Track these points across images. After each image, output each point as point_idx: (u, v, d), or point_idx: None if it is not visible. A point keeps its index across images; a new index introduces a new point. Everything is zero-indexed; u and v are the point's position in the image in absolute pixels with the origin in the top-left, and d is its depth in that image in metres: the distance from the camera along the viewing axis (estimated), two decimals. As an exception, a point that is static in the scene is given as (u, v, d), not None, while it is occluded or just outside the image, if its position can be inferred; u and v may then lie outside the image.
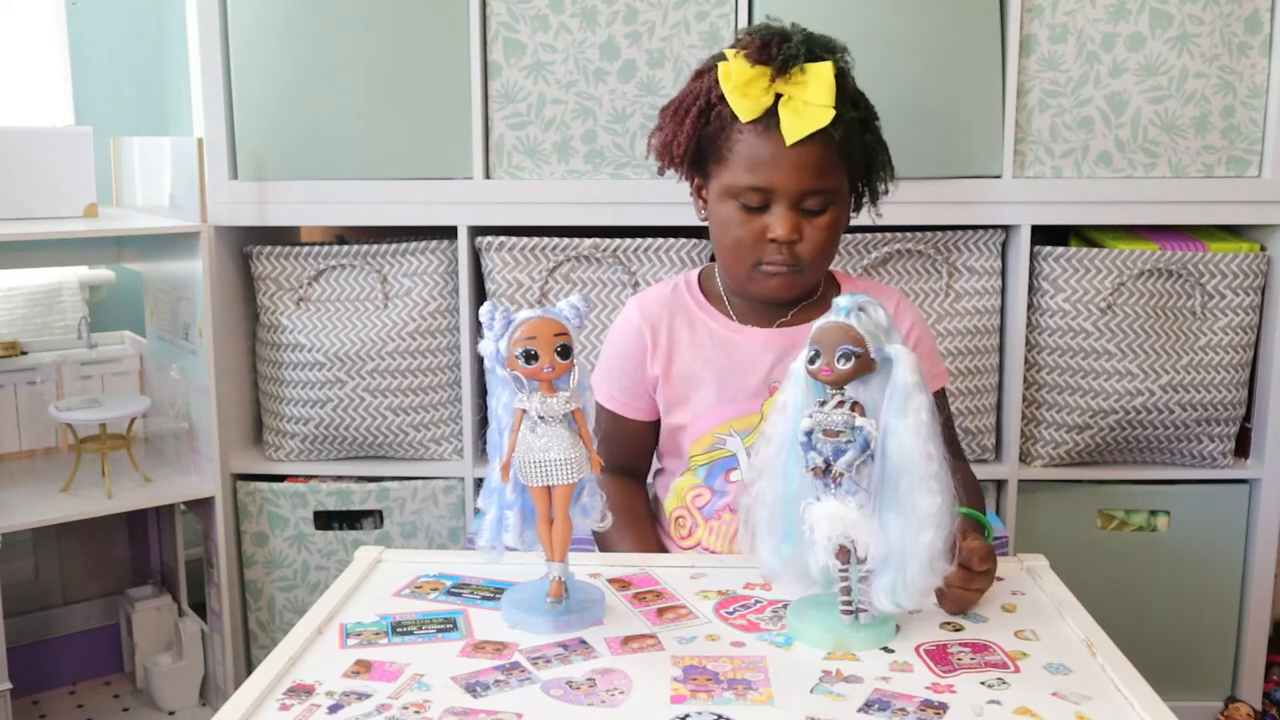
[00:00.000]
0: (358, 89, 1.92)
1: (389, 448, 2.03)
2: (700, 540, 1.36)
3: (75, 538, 2.25)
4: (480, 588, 1.13)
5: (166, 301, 2.09)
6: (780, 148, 1.25)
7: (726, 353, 1.35)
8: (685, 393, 1.36)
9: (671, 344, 1.37)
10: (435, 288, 1.98)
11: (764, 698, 0.90)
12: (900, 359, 0.96)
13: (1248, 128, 1.88)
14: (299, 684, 0.93)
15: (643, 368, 1.38)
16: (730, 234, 1.30)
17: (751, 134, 1.26)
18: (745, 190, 1.27)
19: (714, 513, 1.35)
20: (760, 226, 1.27)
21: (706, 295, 1.39)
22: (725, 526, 1.34)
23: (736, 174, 1.28)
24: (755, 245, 1.28)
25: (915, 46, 1.84)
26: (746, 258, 1.29)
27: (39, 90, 2.43)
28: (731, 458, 1.34)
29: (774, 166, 1.25)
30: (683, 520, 1.37)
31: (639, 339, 1.38)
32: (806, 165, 1.25)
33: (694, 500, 1.37)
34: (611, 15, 1.87)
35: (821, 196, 1.27)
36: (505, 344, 1.00)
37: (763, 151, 1.26)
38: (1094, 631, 1.02)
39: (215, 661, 2.12)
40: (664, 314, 1.38)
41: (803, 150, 1.25)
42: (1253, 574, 1.98)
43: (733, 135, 1.28)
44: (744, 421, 1.34)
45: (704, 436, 1.35)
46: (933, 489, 0.95)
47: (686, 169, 1.36)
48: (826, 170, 1.27)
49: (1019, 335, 1.91)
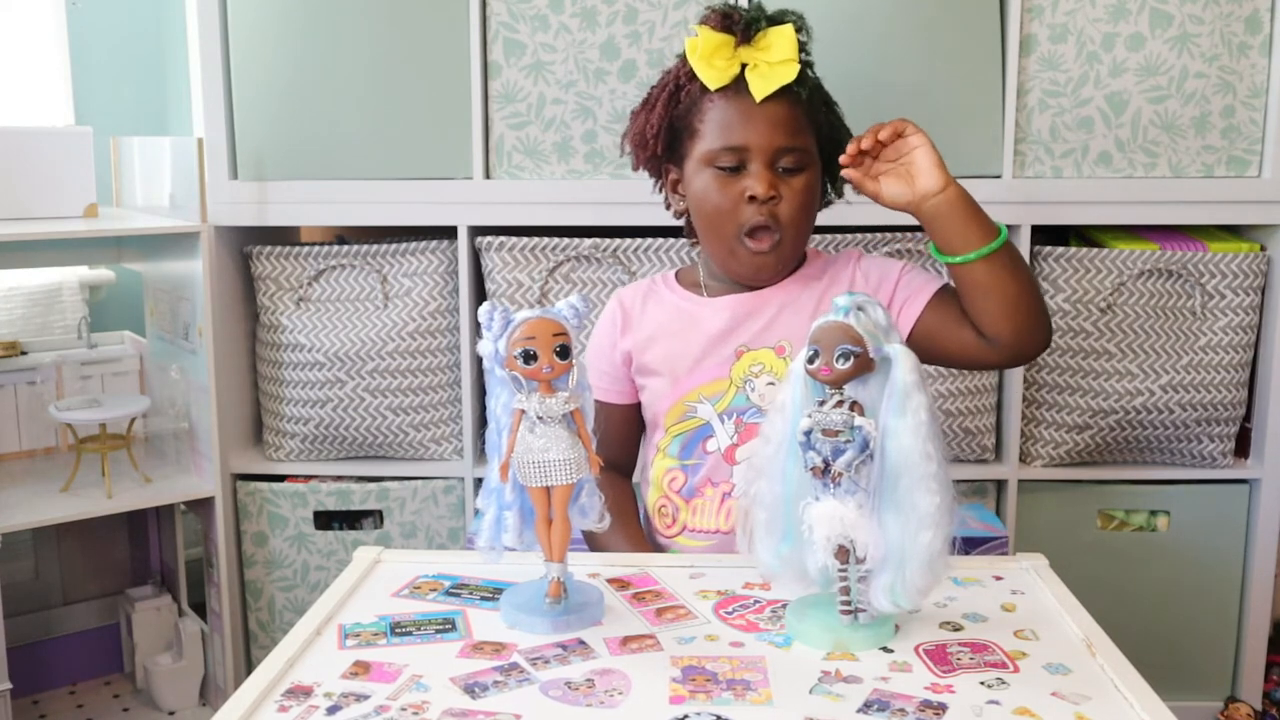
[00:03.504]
0: (358, 89, 1.92)
1: (389, 448, 2.03)
2: (685, 524, 1.35)
3: (75, 538, 2.25)
4: (479, 588, 1.12)
5: (166, 301, 2.09)
6: (751, 106, 1.29)
7: (693, 322, 1.37)
8: (654, 361, 1.38)
9: (641, 321, 1.40)
10: (435, 288, 1.98)
11: (763, 698, 0.90)
12: (899, 358, 0.96)
13: (1248, 128, 1.88)
14: (297, 685, 0.93)
15: (615, 347, 1.41)
16: (710, 202, 1.32)
17: (721, 100, 1.30)
18: (721, 152, 1.30)
19: (694, 490, 1.35)
20: (739, 189, 1.30)
21: (683, 284, 1.42)
22: (708, 502, 1.34)
23: (710, 140, 1.31)
24: (735, 209, 1.30)
25: (915, 46, 1.84)
26: (728, 225, 1.31)
27: (39, 90, 2.43)
28: (705, 426, 1.35)
29: (746, 125, 1.29)
30: (664, 509, 1.37)
31: (612, 323, 1.42)
32: (778, 122, 1.29)
33: (670, 485, 1.37)
34: (611, 15, 1.87)
35: (796, 155, 1.30)
36: (504, 344, 1.00)
37: (734, 113, 1.30)
38: (1094, 631, 1.02)
39: (215, 661, 2.12)
40: (638, 299, 1.43)
41: (773, 107, 1.29)
42: (1253, 574, 1.98)
43: (704, 107, 1.32)
44: (713, 387, 1.34)
45: (675, 405, 1.36)
46: (932, 489, 0.95)
47: (660, 159, 1.38)
48: (797, 129, 1.30)
49: (1019, 335, 1.90)
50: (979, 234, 1.25)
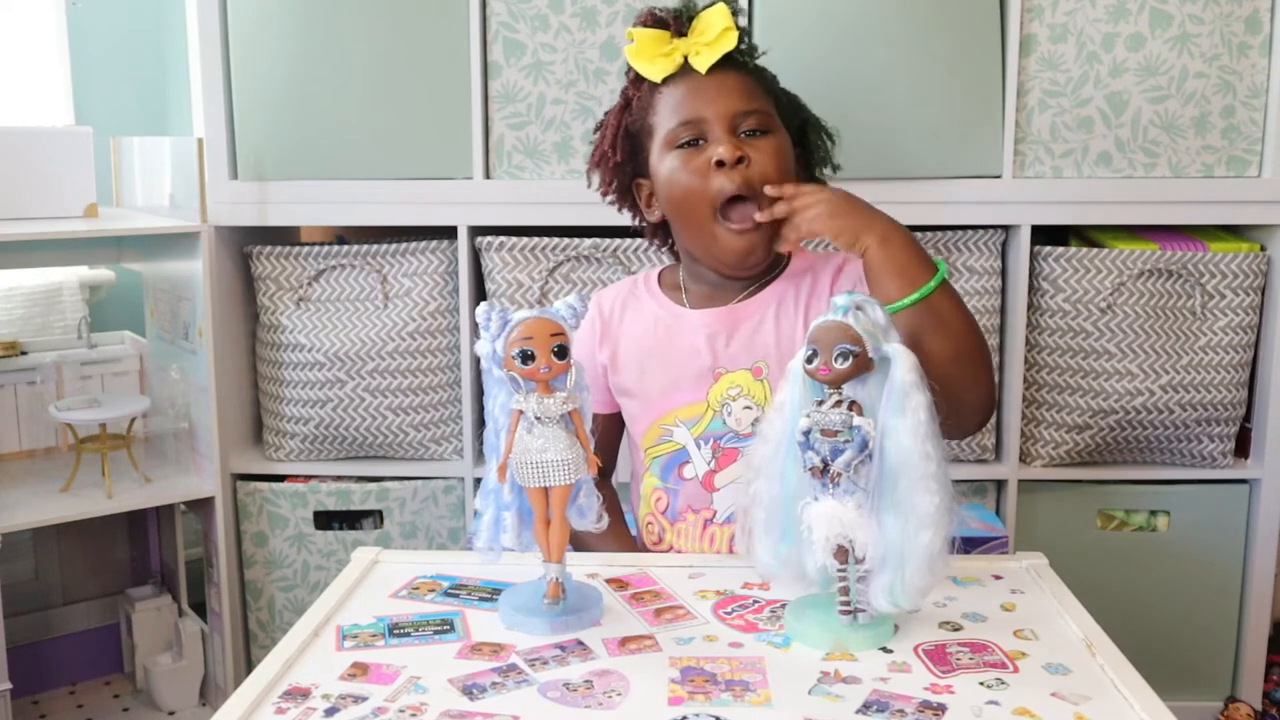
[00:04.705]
0: (358, 89, 1.92)
1: (389, 448, 2.03)
2: (671, 544, 1.33)
3: (75, 538, 2.25)
4: (477, 589, 1.12)
5: (166, 301, 2.09)
6: (699, 80, 1.28)
7: (668, 338, 1.33)
8: (629, 381, 1.35)
9: (619, 332, 1.37)
10: (435, 288, 1.98)
11: (762, 699, 0.90)
12: (898, 358, 0.96)
13: (1248, 128, 1.87)
14: (295, 687, 0.93)
15: (593, 356, 1.38)
16: (678, 183, 1.28)
17: (670, 88, 1.30)
18: (678, 128, 1.28)
19: (677, 514, 1.32)
20: (704, 160, 1.26)
21: (663, 287, 1.38)
22: (690, 527, 1.31)
23: (667, 124, 1.29)
24: (704, 180, 1.25)
25: (915, 46, 1.84)
26: (700, 202, 1.26)
27: (39, 90, 2.43)
28: (681, 451, 1.31)
29: (698, 98, 1.28)
30: (651, 526, 1.35)
31: (590, 329, 1.38)
32: (729, 89, 1.28)
33: (657, 504, 1.34)
34: (611, 15, 1.86)
35: (756, 117, 1.27)
36: (501, 344, 1.00)
37: (684, 91, 1.29)
38: (1094, 631, 1.02)
39: (215, 661, 2.12)
40: (616, 304, 1.39)
41: (721, 77, 1.28)
42: (1253, 574, 1.98)
43: (655, 102, 1.31)
44: (689, 410, 1.30)
45: (651, 428, 1.33)
46: (931, 489, 0.95)
47: (625, 170, 1.36)
48: (752, 94, 1.29)
49: (1019, 335, 1.90)
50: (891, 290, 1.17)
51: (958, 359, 1.16)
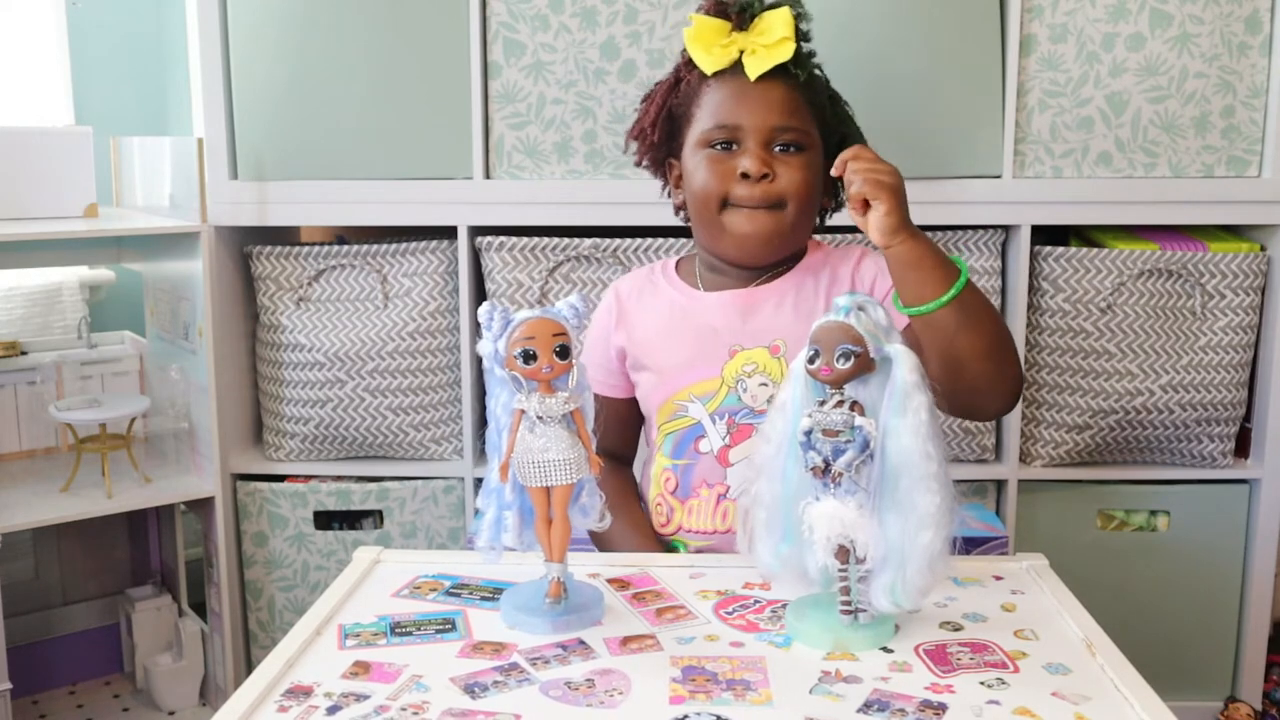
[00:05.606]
0: (358, 89, 1.92)
1: (389, 448, 2.03)
2: (680, 524, 1.34)
3: (75, 538, 2.25)
4: (479, 588, 1.13)
5: (166, 301, 2.09)
6: (746, 86, 1.28)
7: (685, 317, 1.35)
8: (645, 358, 1.37)
9: (636, 314, 1.39)
10: (435, 288, 1.98)
11: (763, 698, 0.90)
12: (900, 358, 0.96)
13: (1248, 128, 1.88)
14: (297, 685, 0.93)
15: (609, 341, 1.40)
16: (699, 180, 1.30)
17: (718, 84, 1.30)
18: (713, 130, 1.29)
19: (690, 490, 1.33)
20: (730, 166, 1.28)
21: (680, 274, 1.41)
22: (704, 502, 1.32)
23: (705, 122, 1.30)
24: (723, 181, 1.28)
25: (915, 46, 1.84)
26: (714, 196, 1.29)
27: (39, 90, 2.43)
28: (697, 425, 1.33)
29: (739, 104, 1.28)
30: (660, 507, 1.37)
31: (608, 314, 1.41)
32: (773, 102, 1.28)
33: (666, 485, 1.36)
34: (611, 15, 1.87)
35: (793, 134, 1.28)
36: (503, 344, 1.00)
37: (729, 93, 1.29)
38: (1094, 631, 1.02)
39: (215, 661, 2.12)
40: (634, 290, 1.41)
41: (768, 87, 1.28)
42: (1253, 574, 1.98)
43: (701, 93, 1.31)
44: (703, 386, 1.32)
45: (666, 403, 1.34)
46: (932, 489, 0.95)
47: (659, 150, 1.38)
48: (794, 109, 1.29)
49: (1019, 335, 1.90)
50: (924, 289, 1.17)
51: (991, 352, 1.19)
